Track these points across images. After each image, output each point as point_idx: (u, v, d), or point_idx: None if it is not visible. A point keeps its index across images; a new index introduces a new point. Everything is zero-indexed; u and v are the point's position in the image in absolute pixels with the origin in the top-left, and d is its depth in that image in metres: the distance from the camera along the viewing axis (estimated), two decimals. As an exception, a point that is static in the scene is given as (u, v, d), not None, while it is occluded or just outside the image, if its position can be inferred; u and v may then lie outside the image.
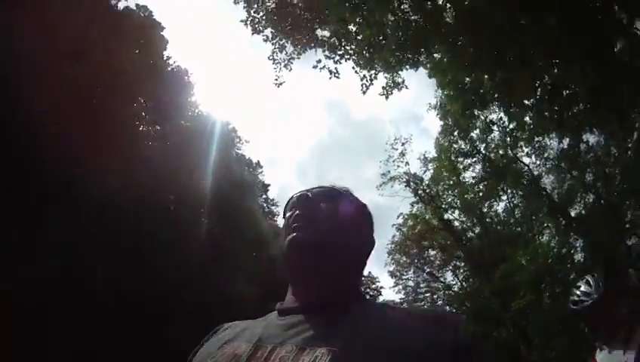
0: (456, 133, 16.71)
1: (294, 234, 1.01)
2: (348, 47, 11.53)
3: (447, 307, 22.60)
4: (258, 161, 25.47)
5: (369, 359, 0.77)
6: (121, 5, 17.51)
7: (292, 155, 60.98)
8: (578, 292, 2.65)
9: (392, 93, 11.90)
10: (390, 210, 23.82)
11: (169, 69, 20.20)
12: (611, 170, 15.09)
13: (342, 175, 58.65)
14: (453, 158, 18.54)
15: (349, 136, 59.39)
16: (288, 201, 1.12)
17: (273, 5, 11.55)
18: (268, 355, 0.83)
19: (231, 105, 46.47)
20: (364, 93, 11.69)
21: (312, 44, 11.49)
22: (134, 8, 18.01)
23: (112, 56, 15.25)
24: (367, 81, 11.56)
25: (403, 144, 20.62)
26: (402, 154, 20.61)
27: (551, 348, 14.32)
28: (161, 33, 19.34)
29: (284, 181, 51.38)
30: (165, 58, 19.95)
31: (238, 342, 0.93)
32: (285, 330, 0.90)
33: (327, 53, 11.41)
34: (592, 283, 2.55)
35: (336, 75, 11.42)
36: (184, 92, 20.12)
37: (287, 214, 1.07)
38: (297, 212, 1.05)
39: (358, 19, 11.15)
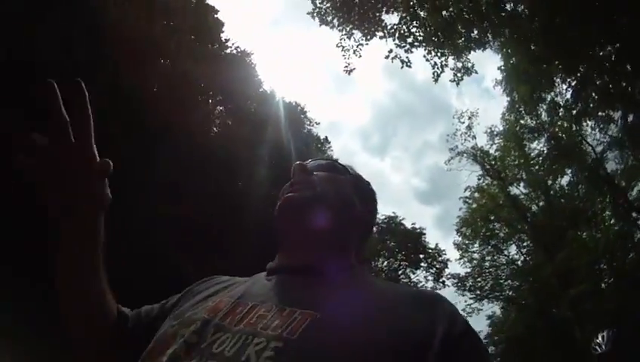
0: (522, 110, 16.84)
1: (289, 194, 1.05)
2: (417, 34, 11.77)
3: (510, 281, 22.94)
4: (326, 137, 26.47)
5: (350, 326, 0.75)
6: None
7: (355, 122, 61.90)
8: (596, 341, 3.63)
9: (462, 79, 12.21)
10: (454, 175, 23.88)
11: (227, 51, 20.81)
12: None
13: (405, 140, 59.04)
14: (519, 133, 18.76)
15: (410, 100, 59.67)
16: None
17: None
18: (247, 312, 0.84)
19: (291, 80, 46.80)
20: (435, 81, 12.14)
21: (382, 34, 11.78)
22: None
23: (169, 54, 16.23)
24: (438, 68, 11.89)
25: (469, 118, 20.90)
26: (469, 127, 21.03)
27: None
28: (216, 16, 19.86)
29: (348, 149, 52.34)
30: (224, 40, 20.55)
31: (222, 297, 0.94)
32: (269, 290, 0.91)
33: (397, 42, 11.68)
34: (605, 337, 3.44)
35: (409, 64, 11.79)
36: (247, 73, 20.84)
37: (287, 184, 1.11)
38: (293, 179, 1.09)
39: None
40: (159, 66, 16.70)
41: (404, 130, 63.24)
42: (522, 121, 18.45)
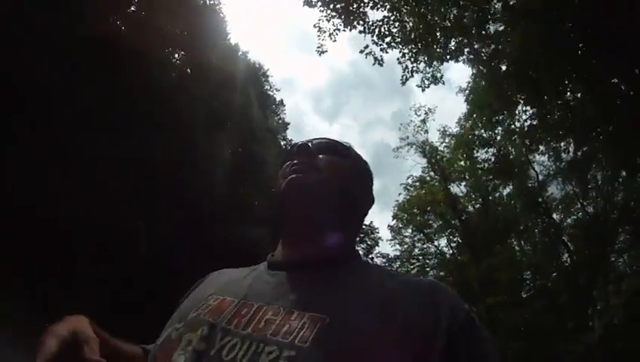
0: (479, 123, 17.42)
1: (292, 176, 1.00)
2: (396, 35, 11.77)
3: (435, 271, 24.04)
4: (282, 100, 26.29)
5: (360, 329, 0.75)
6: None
7: (310, 83, 61.32)
8: None
9: (428, 87, 12.49)
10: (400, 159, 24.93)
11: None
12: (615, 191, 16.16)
13: (357, 109, 59.40)
14: (471, 140, 19.43)
15: (369, 72, 59.61)
16: (288, 151, 1.11)
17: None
18: (253, 314, 0.82)
19: (250, 29, 45.28)
20: (403, 83, 12.25)
21: (362, 28, 11.69)
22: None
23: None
24: (408, 72, 12.01)
25: (426, 113, 21.34)
26: (423, 122, 21.45)
27: (508, 347, 15.82)
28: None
29: (299, 108, 52.12)
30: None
31: (224, 294, 0.92)
32: (274, 288, 0.89)
33: (375, 39, 11.65)
34: None
35: (381, 63, 11.83)
36: (215, 23, 20.25)
37: (286, 163, 1.06)
38: (296, 160, 1.04)
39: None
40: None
41: (357, 100, 63.69)
42: (476, 131, 19.12)
